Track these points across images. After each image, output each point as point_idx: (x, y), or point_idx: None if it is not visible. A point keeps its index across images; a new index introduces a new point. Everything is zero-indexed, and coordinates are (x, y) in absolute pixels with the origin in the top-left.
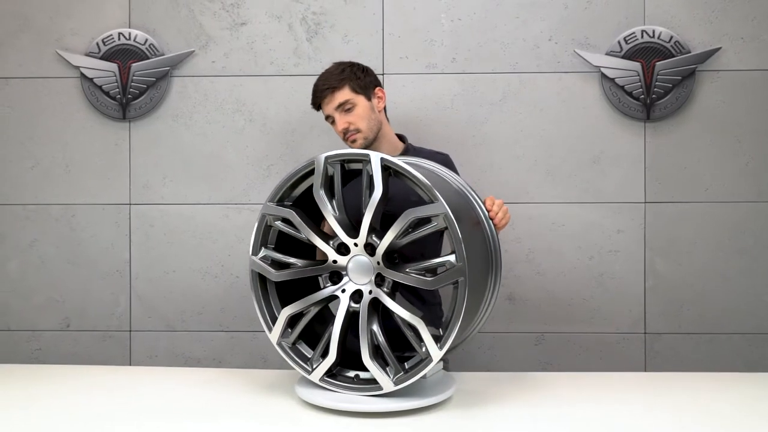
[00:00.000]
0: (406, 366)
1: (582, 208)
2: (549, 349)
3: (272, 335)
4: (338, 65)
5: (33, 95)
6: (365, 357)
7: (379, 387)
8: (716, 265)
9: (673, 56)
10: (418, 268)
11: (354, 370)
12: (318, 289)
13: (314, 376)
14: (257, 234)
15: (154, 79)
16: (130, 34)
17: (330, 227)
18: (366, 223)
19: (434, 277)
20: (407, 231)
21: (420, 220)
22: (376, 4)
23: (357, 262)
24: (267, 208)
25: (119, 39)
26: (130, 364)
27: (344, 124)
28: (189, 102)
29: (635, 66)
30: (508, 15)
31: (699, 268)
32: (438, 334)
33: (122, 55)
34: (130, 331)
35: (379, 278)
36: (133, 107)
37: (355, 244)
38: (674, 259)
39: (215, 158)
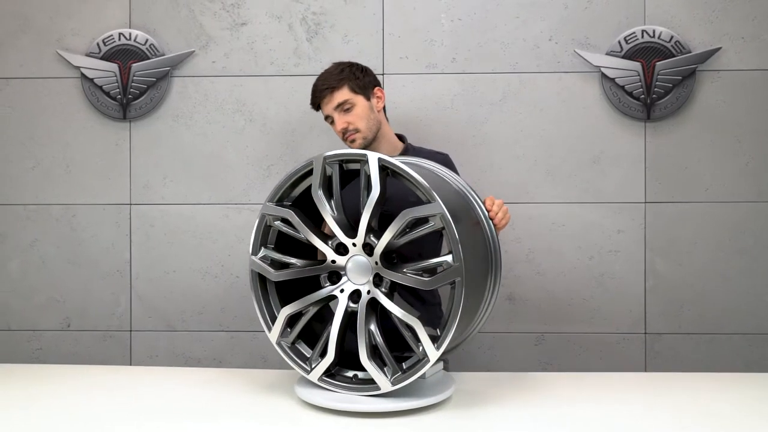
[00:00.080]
0: (404, 366)
1: (582, 208)
2: (549, 349)
3: (271, 335)
4: (337, 65)
5: (33, 95)
6: (363, 357)
7: (377, 387)
8: (716, 265)
9: (674, 56)
10: (416, 269)
11: (353, 370)
12: (319, 289)
13: (313, 376)
14: (257, 234)
15: (154, 79)
16: (130, 35)
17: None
18: (364, 223)
19: (431, 278)
20: (405, 231)
21: (418, 220)
22: (376, 4)
23: (355, 262)
24: (266, 208)
25: (120, 39)
26: (131, 364)
27: (343, 124)
28: (189, 102)
29: (635, 66)
30: (508, 15)
31: (699, 268)
32: (435, 334)
33: (123, 55)
34: (131, 331)
35: (378, 278)
36: (134, 107)
37: (354, 245)
38: (674, 259)
39: (215, 158)
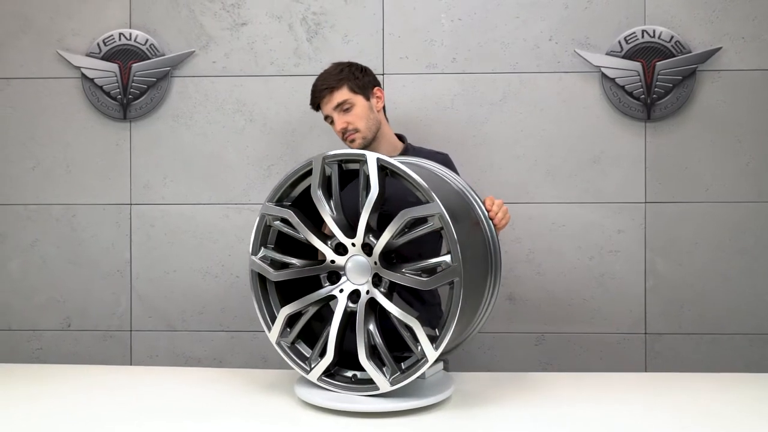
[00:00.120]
0: (403, 366)
1: (582, 208)
2: (549, 350)
3: (271, 334)
4: (337, 65)
5: (34, 96)
6: (362, 357)
7: (376, 387)
8: (717, 266)
9: (674, 56)
10: (415, 269)
11: (352, 369)
12: (319, 289)
13: (312, 376)
14: (257, 234)
15: (154, 79)
16: (130, 35)
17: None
18: (363, 223)
19: (429, 278)
20: (403, 231)
21: (417, 220)
22: (376, 4)
23: (355, 262)
24: (266, 208)
25: (120, 39)
26: (131, 364)
27: (343, 124)
28: (189, 102)
29: (636, 66)
30: (509, 15)
31: (699, 268)
32: (434, 334)
33: (123, 55)
34: (131, 330)
35: (377, 278)
36: (134, 107)
37: (353, 245)
38: (675, 259)
39: (216, 158)
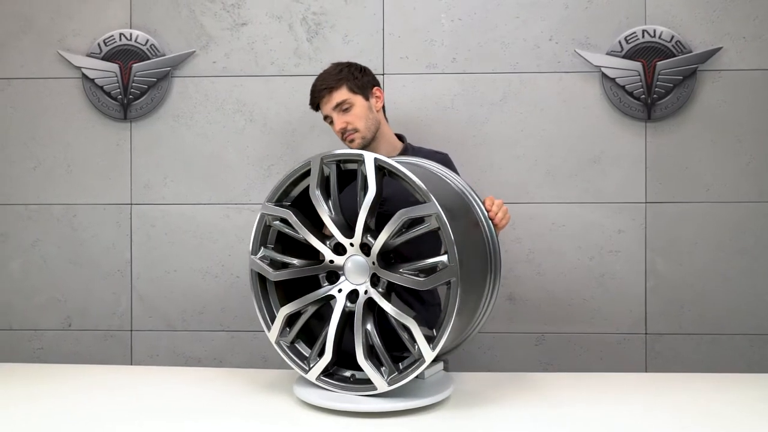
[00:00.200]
0: (401, 366)
1: (582, 208)
2: (549, 350)
3: (270, 334)
4: (336, 65)
5: (35, 96)
6: (360, 357)
7: (374, 387)
8: (717, 266)
9: (674, 56)
10: (412, 269)
11: (351, 369)
12: (319, 288)
13: (311, 375)
14: (256, 234)
15: (155, 79)
16: (131, 35)
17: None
18: (360, 223)
19: (426, 278)
20: (401, 231)
21: (415, 220)
22: (376, 4)
23: (354, 262)
24: (265, 208)
25: (120, 39)
26: (131, 364)
27: (342, 124)
28: (190, 102)
29: (636, 66)
30: (509, 15)
31: (700, 269)
32: (431, 334)
33: (123, 55)
34: (131, 330)
35: (375, 278)
36: (134, 107)
37: (351, 245)
38: (675, 259)
39: (216, 158)
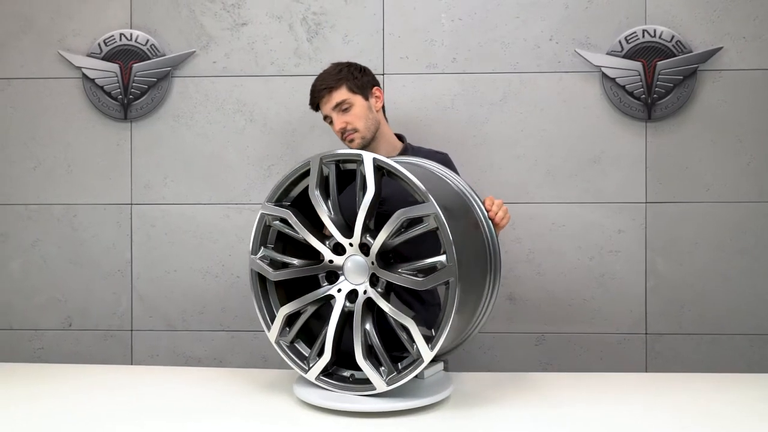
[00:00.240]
0: (400, 366)
1: (582, 208)
2: (549, 350)
3: (270, 334)
4: (336, 65)
5: (35, 96)
6: (359, 357)
7: (373, 387)
8: (717, 266)
9: (675, 56)
10: (411, 269)
11: (351, 369)
12: (319, 288)
13: (310, 375)
14: (256, 234)
15: (155, 79)
16: (131, 35)
17: None
18: (359, 223)
19: (425, 278)
20: (400, 231)
21: (413, 220)
22: (376, 4)
23: (353, 262)
24: (265, 207)
25: (121, 39)
26: (132, 364)
27: (342, 124)
28: (190, 102)
29: (636, 66)
30: (509, 15)
31: (700, 269)
32: (430, 334)
33: (124, 55)
34: (132, 330)
35: (374, 278)
36: (135, 107)
37: (350, 244)
38: (675, 259)
39: (216, 158)
